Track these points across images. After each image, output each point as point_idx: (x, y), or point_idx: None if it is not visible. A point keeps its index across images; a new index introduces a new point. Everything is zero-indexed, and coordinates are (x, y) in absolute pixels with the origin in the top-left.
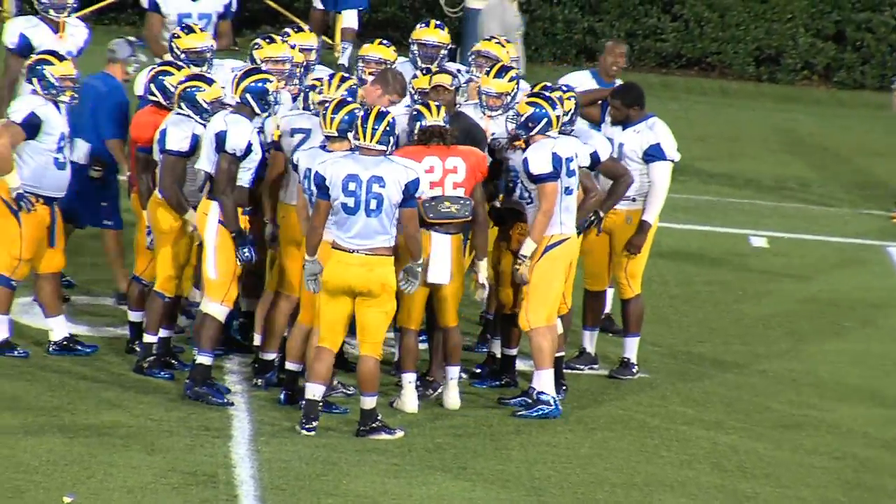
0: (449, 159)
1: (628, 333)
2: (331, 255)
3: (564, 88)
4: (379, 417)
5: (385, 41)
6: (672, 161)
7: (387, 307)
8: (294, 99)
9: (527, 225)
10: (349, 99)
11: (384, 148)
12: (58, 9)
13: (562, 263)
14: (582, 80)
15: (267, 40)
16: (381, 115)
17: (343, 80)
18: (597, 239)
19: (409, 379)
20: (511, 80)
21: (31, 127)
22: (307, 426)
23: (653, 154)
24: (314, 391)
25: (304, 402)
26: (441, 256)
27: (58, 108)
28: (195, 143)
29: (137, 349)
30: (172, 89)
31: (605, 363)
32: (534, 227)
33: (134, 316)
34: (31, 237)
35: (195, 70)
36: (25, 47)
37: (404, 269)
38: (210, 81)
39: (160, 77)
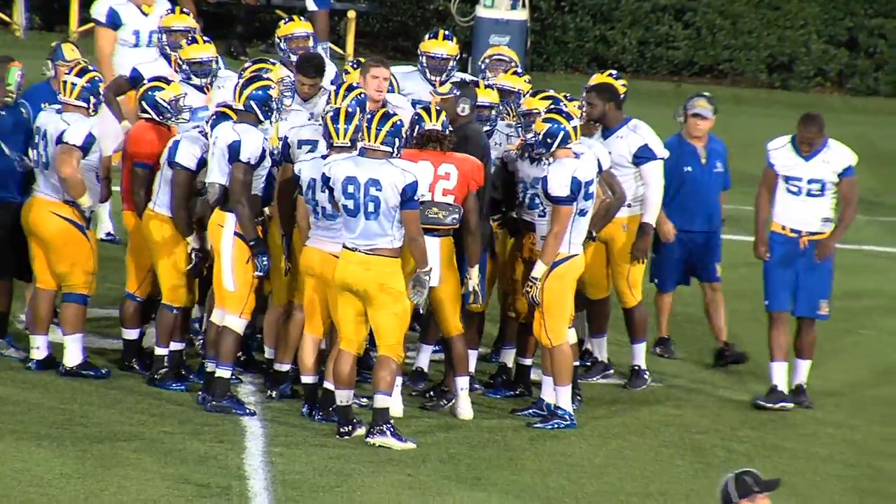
0: (442, 165)
1: (634, 340)
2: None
3: (569, 97)
4: (391, 421)
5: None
6: (662, 159)
7: (394, 308)
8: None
9: (537, 235)
10: (390, 112)
11: (389, 149)
12: (173, 47)
13: (569, 279)
14: (783, 147)
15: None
16: (385, 117)
17: (350, 89)
18: (593, 248)
19: (397, 381)
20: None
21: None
22: (342, 431)
23: (643, 156)
24: (342, 396)
25: (335, 409)
26: (430, 260)
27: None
28: (201, 165)
29: (136, 367)
30: (164, 104)
31: (618, 373)
32: (545, 250)
33: (127, 334)
34: (96, 251)
35: (196, 81)
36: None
37: (412, 279)
38: (168, 81)
39: (151, 92)
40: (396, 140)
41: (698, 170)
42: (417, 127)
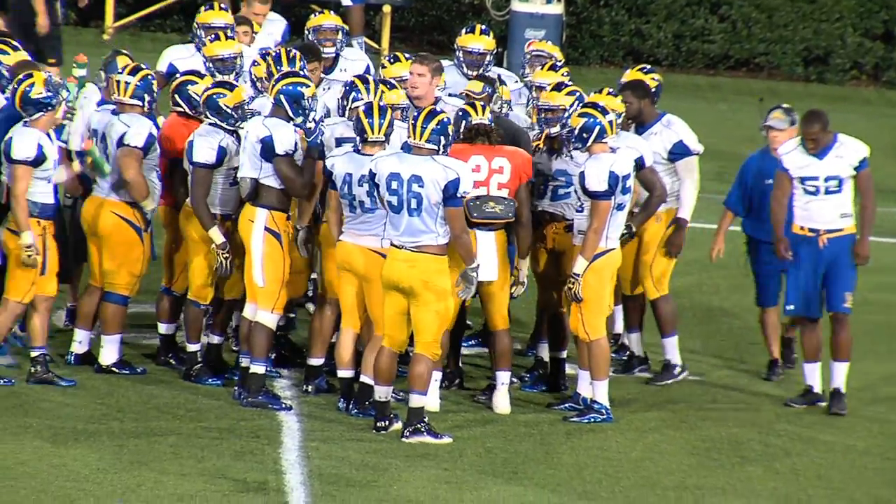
0: (495, 159)
1: (664, 334)
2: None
3: (611, 91)
4: (425, 419)
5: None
6: (698, 154)
7: (437, 307)
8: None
9: (560, 224)
10: (437, 109)
11: (434, 147)
12: (221, 72)
13: (606, 273)
14: (794, 149)
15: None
16: (432, 114)
17: (375, 83)
18: (629, 243)
19: (435, 377)
20: (569, 94)
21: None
22: (378, 426)
23: (678, 152)
24: (381, 392)
25: (373, 404)
26: (487, 254)
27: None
28: (221, 154)
29: (172, 361)
30: (197, 98)
31: (657, 367)
32: (585, 245)
33: (164, 328)
34: (148, 256)
35: (220, 78)
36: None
37: (460, 275)
38: (232, 87)
39: (185, 86)
40: (442, 138)
41: None
42: (464, 122)
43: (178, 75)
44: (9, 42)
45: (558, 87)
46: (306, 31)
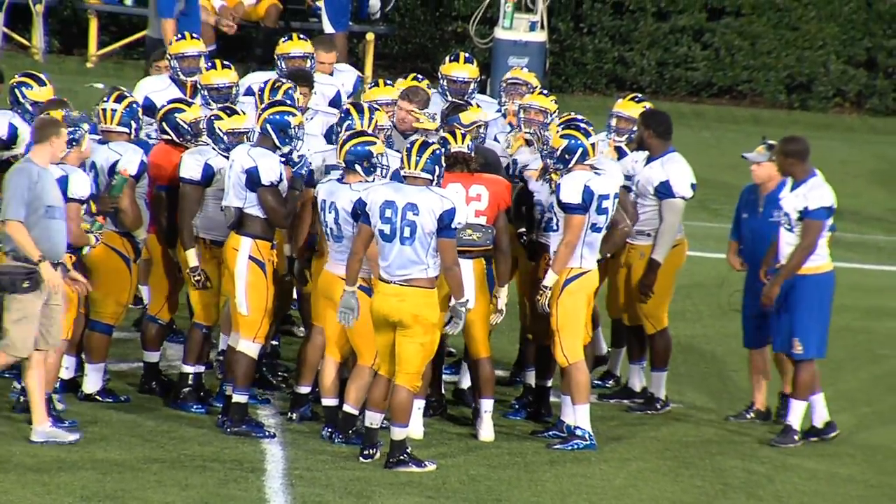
0: (473, 187)
1: (653, 368)
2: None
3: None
4: (408, 450)
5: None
6: (682, 198)
7: (422, 339)
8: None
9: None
10: (429, 140)
11: (429, 176)
12: (186, 73)
13: (582, 295)
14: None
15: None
16: (425, 145)
17: (372, 111)
18: (619, 271)
19: (417, 405)
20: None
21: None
22: (366, 454)
23: (661, 191)
24: (373, 419)
25: (364, 431)
26: (465, 282)
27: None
28: (208, 172)
29: (156, 389)
30: (185, 126)
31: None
32: (556, 259)
33: (149, 356)
34: (135, 285)
35: (214, 106)
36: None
37: (450, 310)
38: (232, 112)
39: (172, 114)
40: (437, 168)
41: (753, 218)
42: (444, 149)
43: (165, 103)
44: (35, 76)
45: (569, 125)
46: (276, 59)
